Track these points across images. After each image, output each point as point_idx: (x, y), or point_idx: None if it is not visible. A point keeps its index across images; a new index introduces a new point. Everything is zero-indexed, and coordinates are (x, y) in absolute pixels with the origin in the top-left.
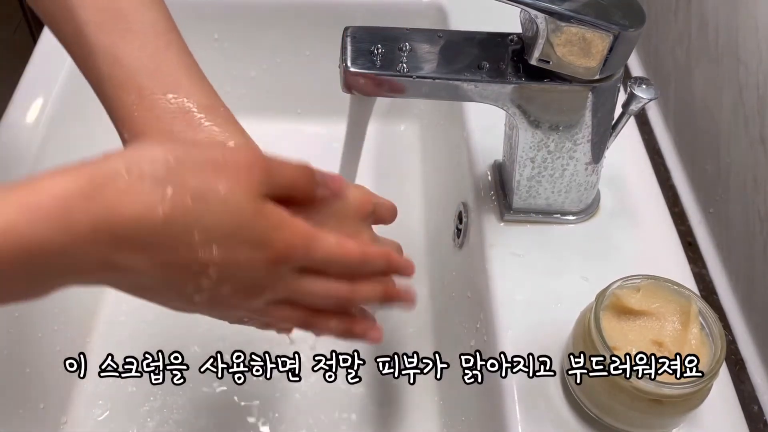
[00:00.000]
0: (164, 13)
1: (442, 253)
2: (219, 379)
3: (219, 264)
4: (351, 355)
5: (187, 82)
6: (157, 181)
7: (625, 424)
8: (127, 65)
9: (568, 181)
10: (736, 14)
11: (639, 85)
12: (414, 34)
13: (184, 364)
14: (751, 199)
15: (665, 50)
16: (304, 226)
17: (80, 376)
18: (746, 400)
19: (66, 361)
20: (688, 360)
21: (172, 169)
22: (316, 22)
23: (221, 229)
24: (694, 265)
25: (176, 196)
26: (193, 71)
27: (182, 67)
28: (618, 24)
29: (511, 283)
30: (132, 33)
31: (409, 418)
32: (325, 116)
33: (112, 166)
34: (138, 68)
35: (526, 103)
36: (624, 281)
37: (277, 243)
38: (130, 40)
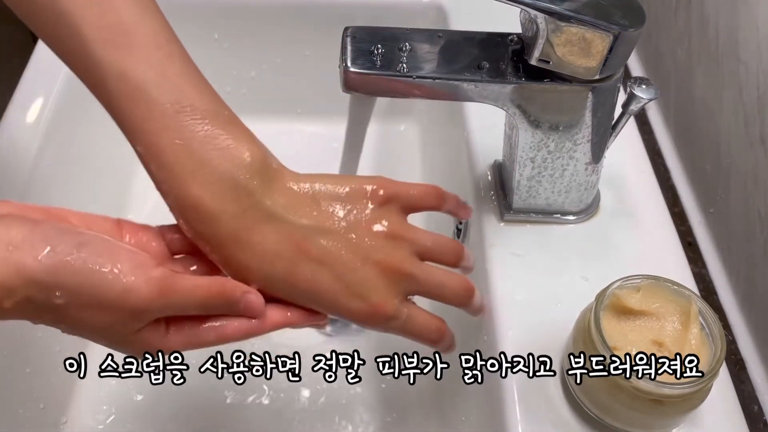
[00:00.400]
0: (163, 23)
1: None
2: (219, 379)
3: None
4: (351, 355)
5: (191, 91)
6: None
7: (625, 424)
8: (134, 79)
9: (568, 181)
10: (736, 14)
11: (639, 85)
12: (414, 34)
13: (184, 364)
14: (751, 199)
15: (665, 50)
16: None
17: (80, 376)
18: (746, 400)
19: (66, 361)
20: (688, 360)
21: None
22: (316, 22)
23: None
24: (694, 265)
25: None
26: (196, 79)
27: (186, 75)
28: (618, 24)
29: (511, 283)
30: (136, 47)
31: (409, 418)
32: (325, 116)
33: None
34: (144, 81)
35: (526, 103)
36: (624, 281)
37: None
38: (135, 54)
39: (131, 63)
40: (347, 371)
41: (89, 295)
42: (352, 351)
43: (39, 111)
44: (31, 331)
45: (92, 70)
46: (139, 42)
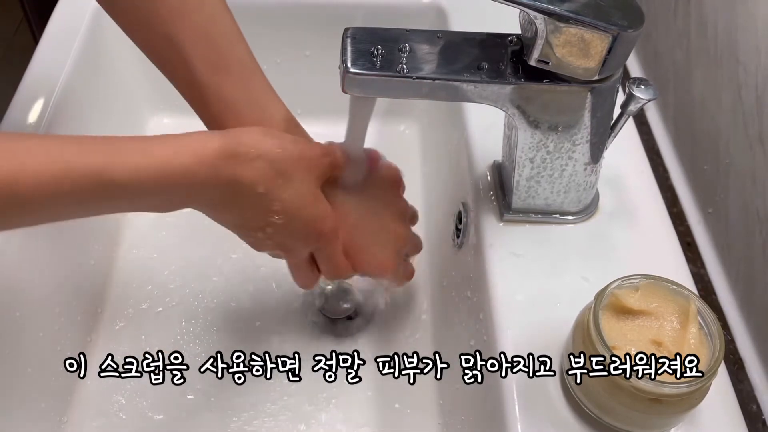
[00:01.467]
0: (243, 39)
1: (442, 253)
2: (219, 379)
3: (282, 223)
4: (351, 355)
5: (269, 104)
6: (268, 163)
7: (624, 424)
8: (230, 101)
9: (567, 182)
10: (735, 15)
11: (638, 85)
12: (414, 35)
13: (184, 364)
14: (750, 199)
15: (664, 51)
16: (335, 220)
17: (80, 376)
18: (745, 400)
19: (66, 361)
20: (688, 360)
21: (277, 155)
22: (316, 23)
23: (291, 204)
24: (692, 265)
25: (275, 176)
26: (271, 93)
27: (264, 92)
28: (617, 24)
29: (510, 283)
30: (230, 72)
31: (409, 418)
32: (325, 116)
33: (244, 142)
34: (236, 100)
35: (525, 104)
36: (623, 281)
37: (318, 228)
38: (230, 78)
39: (227, 87)
40: (347, 371)
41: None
42: (353, 351)
43: (40, 112)
44: (32, 331)
45: (197, 91)
46: (233, 66)
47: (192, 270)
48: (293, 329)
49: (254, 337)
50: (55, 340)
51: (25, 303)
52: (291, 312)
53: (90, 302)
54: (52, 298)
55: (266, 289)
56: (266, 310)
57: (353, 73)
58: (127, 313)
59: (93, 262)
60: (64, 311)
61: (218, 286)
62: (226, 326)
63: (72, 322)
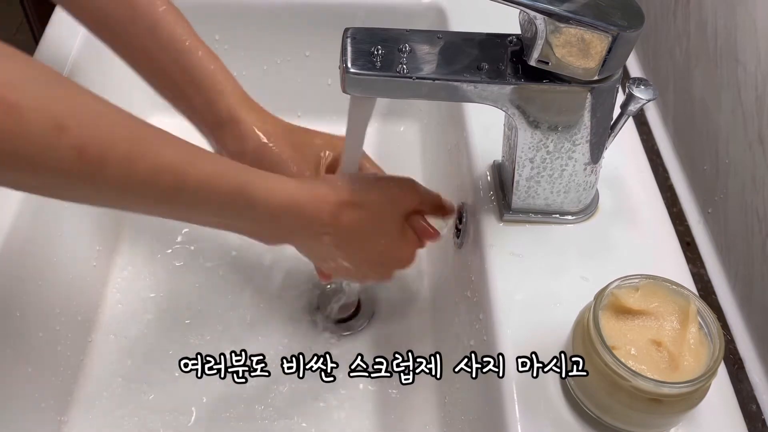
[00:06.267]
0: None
1: (442, 253)
2: (222, 379)
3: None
4: (352, 355)
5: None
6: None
7: (624, 424)
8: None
9: (566, 182)
10: (734, 15)
11: (638, 85)
12: (414, 35)
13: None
14: (750, 199)
15: (664, 51)
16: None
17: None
18: (744, 400)
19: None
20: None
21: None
22: (316, 23)
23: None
24: (692, 265)
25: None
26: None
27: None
28: (617, 25)
29: (510, 283)
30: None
31: (409, 418)
32: (325, 116)
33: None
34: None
35: (525, 104)
36: (622, 281)
37: (406, 258)
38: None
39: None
40: (347, 371)
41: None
42: (352, 351)
43: None
44: (32, 331)
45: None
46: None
47: (192, 269)
48: (293, 329)
49: (255, 337)
50: (55, 340)
51: (25, 303)
52: (291, 312)
53: (90, 302)
54: (51, 297)
55: (266, 288)
56: (266, 310)
57: (353, 73)
58: (127, 313)
59: (94, 263)
60: (64, 311)
61: (218, 286)
62: (225, 326)
63: (72, 322)
